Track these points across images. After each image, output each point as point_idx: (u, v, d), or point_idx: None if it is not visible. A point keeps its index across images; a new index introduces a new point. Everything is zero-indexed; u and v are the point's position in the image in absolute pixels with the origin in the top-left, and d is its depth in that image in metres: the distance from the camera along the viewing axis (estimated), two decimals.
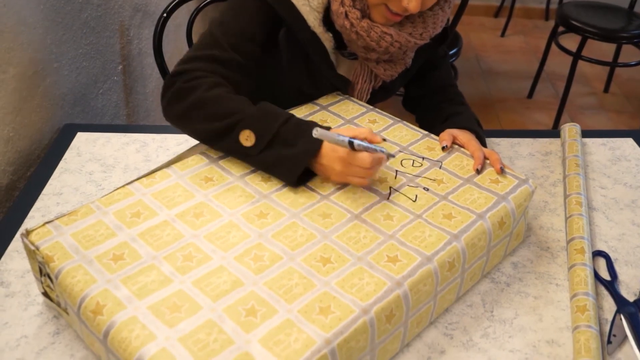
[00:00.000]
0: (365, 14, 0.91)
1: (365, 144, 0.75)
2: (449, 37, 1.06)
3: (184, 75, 0.86)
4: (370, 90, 1.04)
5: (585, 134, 1.18)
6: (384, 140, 0.91)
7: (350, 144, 0.74)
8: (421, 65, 1.08)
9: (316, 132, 0.72)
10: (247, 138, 0.80)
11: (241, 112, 0.81)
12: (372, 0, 0.88)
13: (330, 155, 0.78)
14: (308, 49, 0.94)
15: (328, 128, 0.81)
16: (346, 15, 0.90)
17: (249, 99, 0.85)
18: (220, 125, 0.81)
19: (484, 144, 0.96)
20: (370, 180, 0.81)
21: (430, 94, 1.09)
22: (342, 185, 0.80)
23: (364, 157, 0.77)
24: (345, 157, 0.77)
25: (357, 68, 1.01)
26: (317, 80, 0.99)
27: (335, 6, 0.91)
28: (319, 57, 0.95)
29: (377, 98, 1.06)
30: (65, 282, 0.65)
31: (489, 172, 0.85)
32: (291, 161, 0.79)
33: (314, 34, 0.93)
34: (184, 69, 0.87)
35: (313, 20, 0.92)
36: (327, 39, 0.95)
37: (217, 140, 0.83)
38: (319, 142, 0.79)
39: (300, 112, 0.96)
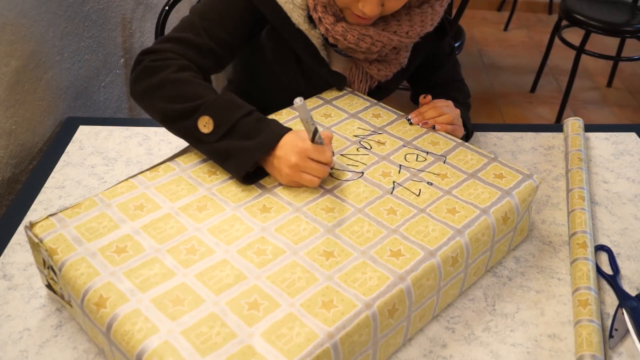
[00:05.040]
0: (339, 18, 0.89)
1: (322, 142, 0.76)
2: (448, 34, 1.05)
3: (153, 55, 0.86)
4: (367, 90, 1.03)
5: (588, 128, 1.18)
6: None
7: (316, 132, 0.74)
8: (425, 62, 1.08)
9: (299, 101, 0.70)
10: (205, 125, 0.78)
11: (204, 98, 0.80)
12: (339, 3, 0.87)
13: (290, 145, 0.76)
14: (294, 47, 0.93)
15: (289, 129, 0.79)
16: (320, 21, 0.89)
17: (242, 97, 0.84)
18: (180, 107, 0.80)
19: (468, 135, 1.02)
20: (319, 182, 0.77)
21: (435, 89, 1.09)
22: (346, 179, 0.80)
23: (326, 151, 0.75)
24: (306, 149, 0.75)
25: (353, 68, 1.00)
26: (312, 78, 0.98)
27: (310, 11, 0.90)
28: (308, 54, 0.94)
29: (374, 98, 1.05)
30: (69, 275, 0.65)
31: (493, 166, 0.84)
32: (244, 153, 0.76)
33: (299, 31, 0.92)
34: (155, 48, 0.87)
35: (297, 17, 0.91)
36: (314, 36, 0.93)
37: (175, 122, 0.81)
38: (277, 138, 0.77)
39: None
